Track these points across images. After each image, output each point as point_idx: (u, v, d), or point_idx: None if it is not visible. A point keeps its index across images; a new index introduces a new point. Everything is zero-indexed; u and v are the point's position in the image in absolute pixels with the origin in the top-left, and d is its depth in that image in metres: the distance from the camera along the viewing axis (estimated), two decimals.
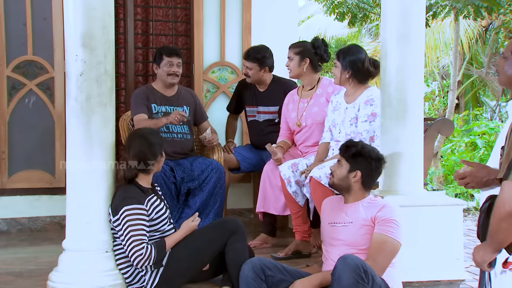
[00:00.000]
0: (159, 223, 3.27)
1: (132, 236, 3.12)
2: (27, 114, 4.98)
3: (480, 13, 8.04)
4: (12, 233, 4.91)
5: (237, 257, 3.25)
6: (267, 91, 4.78)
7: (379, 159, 3.21)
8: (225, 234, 3.30)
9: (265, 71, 4.70)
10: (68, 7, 3.20)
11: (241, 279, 3.04)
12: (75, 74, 3.17)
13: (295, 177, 3.98)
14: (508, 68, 2.30)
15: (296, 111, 4.32)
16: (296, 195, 4.00)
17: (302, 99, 4.33)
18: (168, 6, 5.40)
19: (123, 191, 3.23)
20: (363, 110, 3.88)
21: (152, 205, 3.24)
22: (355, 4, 8.61)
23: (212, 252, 3.31)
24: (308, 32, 15.38)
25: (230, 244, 3.29)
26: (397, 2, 3.75)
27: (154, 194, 3.33)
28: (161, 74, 4.48)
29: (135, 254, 3.11)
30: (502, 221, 2.08)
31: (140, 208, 3.17)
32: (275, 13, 5.47)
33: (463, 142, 10.29)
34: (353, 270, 2.79)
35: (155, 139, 3.37)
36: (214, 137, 4.56)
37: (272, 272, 3.04)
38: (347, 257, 2.87)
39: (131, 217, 3.14)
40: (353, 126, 3.92)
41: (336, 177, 3.21)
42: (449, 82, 11.79)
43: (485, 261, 2.22)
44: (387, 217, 3.07)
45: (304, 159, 4.12)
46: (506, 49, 2.32)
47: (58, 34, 4.91)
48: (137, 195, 3.21)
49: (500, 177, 2.12)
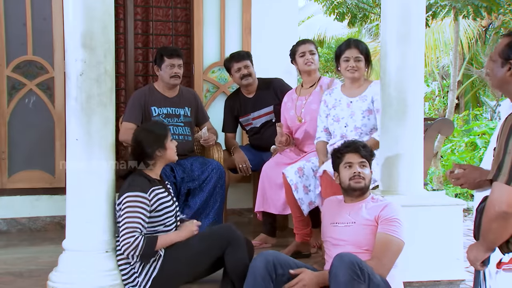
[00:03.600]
0: (162, 215, 3.26)
1: (126, 222, 3.13)
2: (27, 114, 4.98)
3: (480, 13, 8.04)
4: (12, 233, 4.91)
5: (236, 267, 3.22)
6: (256, 94, 4.79)
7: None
8: (222, 242, 3.25)
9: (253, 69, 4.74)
10: (68, 7, 3.20)
11: (250, 271, 3.01)
12: (75, 74, 3.17)
13: (302, 182, 3.97)
14: (498, 70, 2.31)
15: (294, 108, 4.33)
16: (302, 202, 3.97)
17: (300, 97, 4.34)
18: (168, 6, 5.40)
19: (131, 178, 3.26)
20: (377, 102, 3.90)
21: (157, 195, 3.24)
22: (354, 4, 8.62)
23: (208, 259, 3.27)
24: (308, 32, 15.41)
25: (227, 255, 3.23)
26: (397, 2, 3.75)
27: (162, 186, 3.34)
28: (163, 76, 4.48)
29: (124, 241, 3.11)
30: (493, 221, 2.13)
31: (142, 196, 3.17)
32: (275, 13, 5.48)
33: (463, 142, 10.29)
34: (349, 267, 2.79)
35: (156, 129, 3.39)
36: (211, 137, 4.54)
37: (283, 270, 3.03)
38: (343, 255, 2.88)
39: (130, 203, 3.15)
40: (365, 119, 3.93)
41: (367, 179, 3.22)
42: (449, 82, 11.80)
43: (478, 260, 2.26)
44: (390, 216, 3.07)
45: (307, 162, 4.08)
46: (494, 52, 2.33)
47: (58, 34, 4.91)
48: (142, 184, 3.23)
49: (490, 178, 2.14)
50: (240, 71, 4.68)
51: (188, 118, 4.56)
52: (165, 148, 3.36)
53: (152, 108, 4.47)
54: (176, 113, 4.52)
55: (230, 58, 4.74)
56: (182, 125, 4.50)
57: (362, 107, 3.94)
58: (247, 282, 3.01)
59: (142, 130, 3.49)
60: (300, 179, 3.96)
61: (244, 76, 4.69)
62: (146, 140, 3.33)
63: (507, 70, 2.28)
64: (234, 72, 4.72)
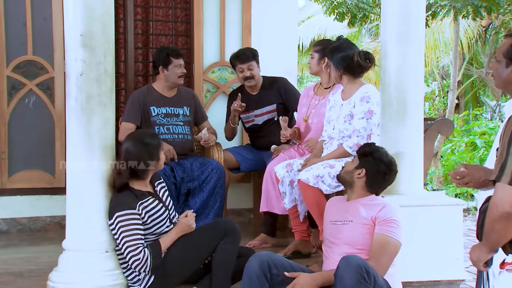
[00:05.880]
0: (153, 226, 3.24)
1: (126, 242, 3.12)
2: (27, 114, 4.98)
3: (480, 13, 8.04)
4: (12, 233, 4.91)
5: (224, 258, 3.23)
6: (260, 92, 4.78)
7: (389, 164, 3.20)
8: (218, 234, 3.26)
9: (259, 68, 4.72)
10: (68, 7, 3.20)
11: (246, 272, 3.01)
12: (75, 74, 3.17)
13: (289, 177, 3.98)
14: (502, 70, 2.32)
15: (307, 106, 4.33)
16: (284, 196, 4.00)
17: (315, 96, 4.34)
18: (168, 6, 5.40)
19: (116, 196, 3.22)
20: (359, 107, 3.85)
21: (145, 209, 3.21)
22: (354, 4, 8.61)
23: (206, 252, 3.28)
24: (308, 32, 15.38)
25: (221, 244, 3.25)
26: (397, 2, 3.75)
27: (151, 196, 3.30)
28: (170, 76, 4.48)
29: (132, 258, 3.11)
30: (496, 222, 2.12)
31: (132, 213, 3.15)
32: (275, 13, 5.47)
33: (463, 142, 10.30)
34: (356, 270, 2.79)
35: (151, 142, 3.33)
36: (211, 137, 4.54)
37: (278, 270, 3.02)
38: (349, 257, 2.88)
39: (123, 223, 3.13)
40: (346, 123, 3.88)
41: (344, 170, 3.26)
42: (449, 82, 11.80)
43: (480, 261, 2.25)
44: (388, 217, 3.07)
45: (299, 159, 4.12)
46: (498, 52, 2.34)
47: (58, 34, 4.91)
48: (128, 200, 3.19)
49: (493, 179, 2.14)
50: (243, 72, 4.68)
51: (187, 118, 4.57)
52: (159, 159, 3.34)
53: (151, 108, 4.47)
54: (175, 112, 4.52)
55: (235, 56, 4.73)
56: (181, 124, 4.50)
57: (346, 111, 3.91)
58: (243, 282, 3.02)
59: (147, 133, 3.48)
60: (288, 173, 3.99)
61: (246, 78, 4.69)
62: (142, 156, 3.26)
63: (511, 70, 2.28)
64: (238, 71, 4.73)
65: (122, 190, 3.22)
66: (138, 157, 3.25)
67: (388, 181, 3.25)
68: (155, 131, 4.22)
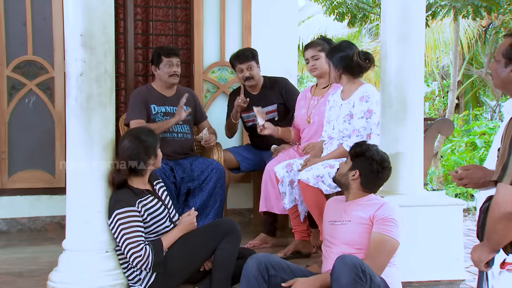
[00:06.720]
0: (152, 224, 3.25)
1: (127, 239, 3.12)
2: (27, 114, 4.97)
3: (479, 12, 8.04)
4: (12, 233, 4.91)
5: (224, 258, 3.23)
6: (261, 92, 4.78)
7: (382, 162, 3.18)
8: (219, 234, 3.26)
9: (259, 68, 4.71)
10: (68, 7, 3.20)
11: (244, 273, 3.02)
12: (75, 74, 3.17)
13: (289, 177, 3.98)
14: (501, 70, 2.31)
15: (306, 108, 4.33)
16: (284, 196, 4.00)
17: (314, 97, 4.34)
18: (168, 6, 5.40)
19: (115, 194, 3.23)
20: (359, 106, 3.85)
21: (144, 207, 3.22)
22: (354, 4, 8.61)
23: (206, 252, 3.28)
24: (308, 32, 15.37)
25: (222, 244, 3.24)
26: (397, 2, 3.75)
27: (150, 194, 3.31)
28: (162, 75, 4.47)
29: (134, 255, 3.11)
30: (498, 222, 2.12)
31: (131, 210, 3.16)
32: (275, 13, 5.47)
33: (463, 142, 10.30)
34: (351, 270, 2.79)
35: (148, 139, 3.33)
36: (212, 138, 4.54)
37: (276, 271, 3.03)
38: (345, 256, 2.88)
39: (123, 220, 3.14)
40: (346, 123, 3.89)
41: (338, 172, 3.27)
42: (449, 82, 11.80)
43: (482, 261, 2.25)
44: (385, 216, 3.07)
45: (299, 159, 4.12)
46: (497, 52, 2.33)
47: (58, 34, 4.91)
48: (127, 197, 3.19)
49: (495, 179, 2.14)
50: (243, 72, 4.67)
51: (187, 117, 4.56)
52: (156, 156, 3.34)
53: (152, 106, 4.47)
54: (175, 111, 4.52)
55: (235, 57, 4.72)
56: (181, 123, 4.50)
57: (345, 111, 3.92)
58: (241, 284, 3.03)
59: (144, 130, 3.47)
60: (288, 173, 3.99)
61: (246, 78, 4.69)
62: (141, 152, 3.27)
63: (510, 70, 2.28)
64: (237, 72, 4.73)
65: (121, 187, 3.23)
66: (134, 153, 3.25)
67: (383, 179, 3.24)
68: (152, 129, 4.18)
